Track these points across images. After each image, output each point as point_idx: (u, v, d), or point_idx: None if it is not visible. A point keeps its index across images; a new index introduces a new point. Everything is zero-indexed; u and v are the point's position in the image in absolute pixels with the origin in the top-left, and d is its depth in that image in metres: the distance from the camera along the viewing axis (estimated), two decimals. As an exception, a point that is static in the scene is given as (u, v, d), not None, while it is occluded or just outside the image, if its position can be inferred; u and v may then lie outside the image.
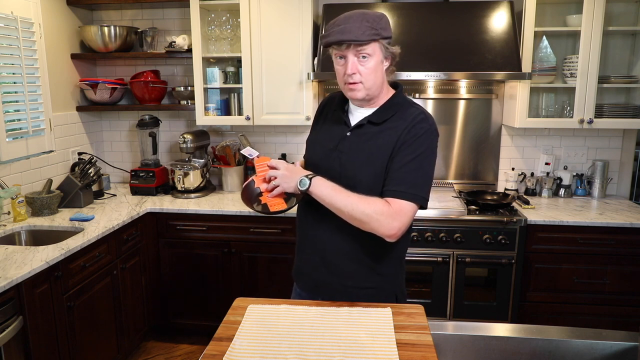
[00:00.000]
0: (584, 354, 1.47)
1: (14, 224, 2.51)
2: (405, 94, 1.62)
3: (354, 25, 1.38)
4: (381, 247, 1.53)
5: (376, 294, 1.57)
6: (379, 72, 1.47)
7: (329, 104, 1.69)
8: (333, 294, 1.58)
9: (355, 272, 1.57)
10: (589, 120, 2.80)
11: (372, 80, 1.46)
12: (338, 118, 1.60)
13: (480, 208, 2.77)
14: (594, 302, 2.68)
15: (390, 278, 1.60)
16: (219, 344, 1.31)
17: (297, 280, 1.72)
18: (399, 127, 1.49)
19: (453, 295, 2.72)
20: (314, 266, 1.62)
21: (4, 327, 1.79)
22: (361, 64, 1.43)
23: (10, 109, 2.64)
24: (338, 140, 1.56)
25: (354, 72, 1.44)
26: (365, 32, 1.38)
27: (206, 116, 3.10)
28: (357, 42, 1.39)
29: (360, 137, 1.53)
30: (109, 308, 2.50)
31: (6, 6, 2.54)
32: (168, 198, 3.10)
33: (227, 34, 3.08)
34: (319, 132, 1.67)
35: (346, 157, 1.53)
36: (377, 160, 1.49)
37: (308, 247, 1.63)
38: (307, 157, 1.67)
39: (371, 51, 1.42)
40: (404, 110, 1.52)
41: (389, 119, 1.51)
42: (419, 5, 2.83)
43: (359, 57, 1.43)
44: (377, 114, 1.53)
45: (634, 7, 2.91)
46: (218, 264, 2.90)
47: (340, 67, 1.47)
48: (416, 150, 1.46)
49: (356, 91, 1.48)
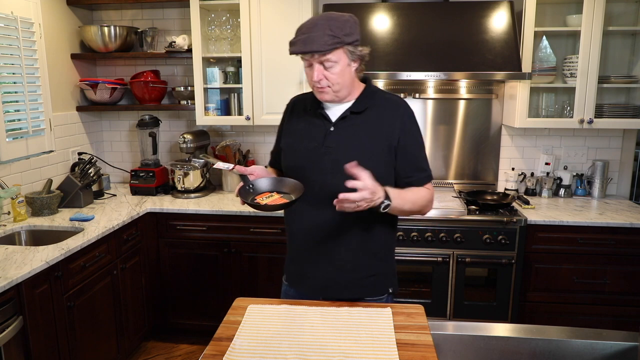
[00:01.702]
0: (584, 354, 1.47)
1: (14, 224, 2.51)
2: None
3: (317, 35, 1.42)
4: (382, 233, 1.60)
5: (379, 280, 1.63)
6: (347, 75, 1.51)
7: (297, 107, 1.69)
8: (341, 290, 1.60)
9: (363, 263, 1.60)
10: (589, 120, 2.80)
11: (340, 84, 1.50)
12: (315, 116, 1.61)
13: (480, 208, 2.77)
14: (594, 302, 2.68)
15: (389, 262, 1.67)
16: (219, 344, 1.31)
17: (300, 285, 1.69)
18: (387, 114, 1.56)
19: (453, 295, 2.72)
20: (321, 268, 1.61)
21: (4, 327, 1.79)
22: (327, 70, 1.48)
23: (10, 109, 2.64)
24: (322, 137, 1.57)
25: (320, 79, 1.49)
26: (327, 42, 1.42)
27: (206, 116, 3.10)
28: (319, 52, 1.43)
29: (347, 129, 1.56)
30: (109, 308, 2.50)
31: (6, 6, 2.54)
32: (168, 198, 3.10)
33: (227, 34, 3.08)
34: (294, 134, 1.65)
35: (337, 152, 1.54)
36: (375, 149, 1.53)
37: (312, 251, 1.62)
38: (287, 162, 1.64)
39: (336, 58, 1.46)
40: (381, 96, 1.60)
41: (370, 107, 1.57)
42: (419, 5, 2.83)
43: (324, 65, 1.47)
44: (357, 104, 1.57)
45: (634, 7, 2.91)
46: (218, 264, 2.90)
47: (309, 70, 1.51)
48: (417, 134, 1.59)
49: (324, 94, 1.53)
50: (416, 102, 3.15)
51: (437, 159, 3.23)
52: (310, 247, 1.62)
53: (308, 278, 1.65)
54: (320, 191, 1.52)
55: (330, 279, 1.61)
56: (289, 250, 1.73)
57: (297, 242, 1.67)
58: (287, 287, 1.75)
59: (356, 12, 2.83)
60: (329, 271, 1.60)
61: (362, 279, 1.61)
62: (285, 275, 1.76)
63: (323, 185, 1.53)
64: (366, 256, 1.60)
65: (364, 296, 1.62)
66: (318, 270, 1.62)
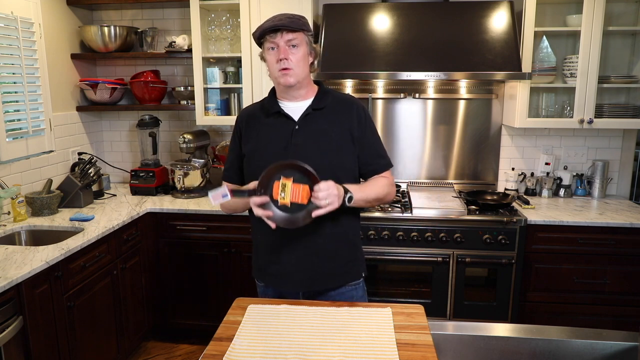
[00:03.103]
0: (584, 354, 1.47)
1: (14, 224, 2.51)
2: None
3: (284, 17, 1.55)
4: (350, 220, 1.69)
5: (355, 265, 1.72)
6: (306, 63, 1.61)
7: (251, 115, 1.71)
8: (326, 280, 1.66)
9: (343, 251, 1.69)
10: (589, 120, 2.80)
11: (301, 68, 1.59)
12: (276, 118, 1.65)
13: (480, 208, 2.77)
14: (594, 302, 2.68)
15: (360, 247, 1.77)
16: (219, 344, 1.31)
17: (282, 283, 1.68)
18: (344, 110, 1.66)
19: (453, 295, 2.72)
20: (304, 262, 1.63)
21: (4, 327, 1.79)
22: (291, 53, 1.56)
23: (10, 109, 2.64)
24: (288, 136, 1.61)
25: (286, 57, 1.55)
26: (295, 22, 1.55)
27: (206, 116, 3.10)
28: (289, 29, 1.54)
29: (311, 125, 1.63)
30: (109, 308, 2.50)
31: (6, 6, 2.54)
32: (168, 198, 3.10)
33: (227, 34, 3.08)
34: (256, 140, 1.66)
35: (306, 148, 1.59)
36: (341, 142, 1.63)
37: (291, 247, 1.63)
38: (254, 167, 1.61)
39: (299, 42, 1.57)
40: (335, 95, 1.71)
41: (328, 105, 1.66)
42: (419, 5, 2.83)
43: (289, 47, 1.56)
44: (317, 102, 1.66)
45: (634, 7, 2.91)
46: (218, 264, 2.90)
47: (273, 56, 1.58)
48: (372, 126, 1.72)
49: (288, 76, 1.58)
50: (416, 102, 3.15)
51: (437, 159, 3.23)
52: (289, 244, 1.63)
53: (291, 273, 1.65)
54: None
55: (314, 270, 1.63)
56: (263, 253, 1.71)
57: (272, 241, 1.66)
58: (264, 287, 1.76)
59: (356, 12, 2.83)
60: (313, 262, 1.63)
61: (341, 265, 1.68)
62: (261, 278, 1.75)
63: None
64: (342, 243, 1.67)
65: (345, 283, 1.69)
66: (300, 264, 1.63)
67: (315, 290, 1.67)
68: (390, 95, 3.15)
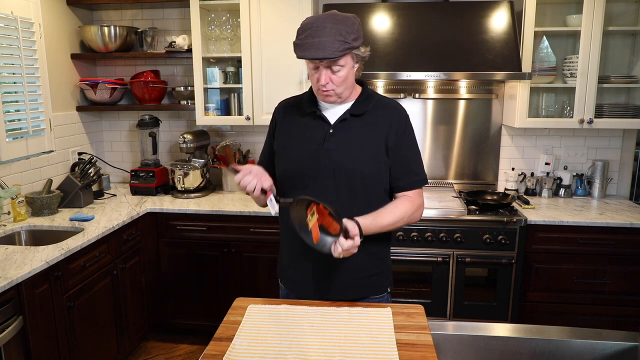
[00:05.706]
0: (584, 354, 1.47)
1: (14, 224, 2.51)
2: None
3: (328, 40, 1.40)
4: (379, 234, 1.57)
5: (379, 280, 1.66)
6: (350, 77, 1.52)
7: (288, 110, 1.67)
8: (343, 292, 1.61)
9: (363, 263, 1.61)
10: (589, 120, 2.80)
11: (344, 86, 1.52)
12: (312, 118, 1.60)
13: (480, 208, 2.77)
14: (594, 302, 2.68)
15: (387, 261, 1.70)
16: (219, 344, 1.31)
17: (301, 289, 1.67)
18: (384, 117, 1.57)
19: (453, 295, 2.72)
20: (322, 270, 1.61)
21: (4, 327, 1.79)
22: (333, 74, 1.48)
23: (10, 109, 2.64)
24: (321, 138, 1.56)
25: (327, 82, 1.49)
26: (338, 49, 1.41)
27: (206, 116, 3.10)
28: (331, 59, 1.43)
29: (346, 131, 1.56)
30: (109, 308, 2.50)
31: (6, 6, 2.54)
32: (168, 198, 3.10)
33: (227, 34, 3.08)
34: (289, 137, 1.63)
35: (338, 153, 1.54)
36: (375, 150, 1.55)
37: (311, 254, 1.55)
38: (284, 165, 1.62)
39: (343, 63, 1.47)
40: (379, 100, 1.62)
41: (369, 110, 1.58)
42: (419, 5, 2.83)
43: (332, 69, 1.47)
44: (356, 107, 1.58)
45: (634, 7, 2.91)
46: (218, 264, 2.90)
47: (314, 75, 1.51)
48: (411, 138, 1.60)
49: (329, 97, 1.53)
50: (416, 102, 3.15)
51: (437, 159, 3.23)
52: (309, 250, 1.60)
53: (309, 281, 1.64)
54: (320, 193, 1.49)
55: (332, 280, 1.61)
56: (286, 254, 1.71)
57: (295, 246, 1.63)
58: (286, 291, 1.74)
59: (356, 12, 2.83)
60: (331, 273, 1.60)
61: (363, 278, 1.62)
62: (282, 280, 1.75)
63: (323, 187, 1.53)
64: (366, 256, 1.60)
65: (366, 295, 1.64)
66: (319, 273, 1.61)
67: (330, 299, 1.61)
68: (391, 95, 3.14)
